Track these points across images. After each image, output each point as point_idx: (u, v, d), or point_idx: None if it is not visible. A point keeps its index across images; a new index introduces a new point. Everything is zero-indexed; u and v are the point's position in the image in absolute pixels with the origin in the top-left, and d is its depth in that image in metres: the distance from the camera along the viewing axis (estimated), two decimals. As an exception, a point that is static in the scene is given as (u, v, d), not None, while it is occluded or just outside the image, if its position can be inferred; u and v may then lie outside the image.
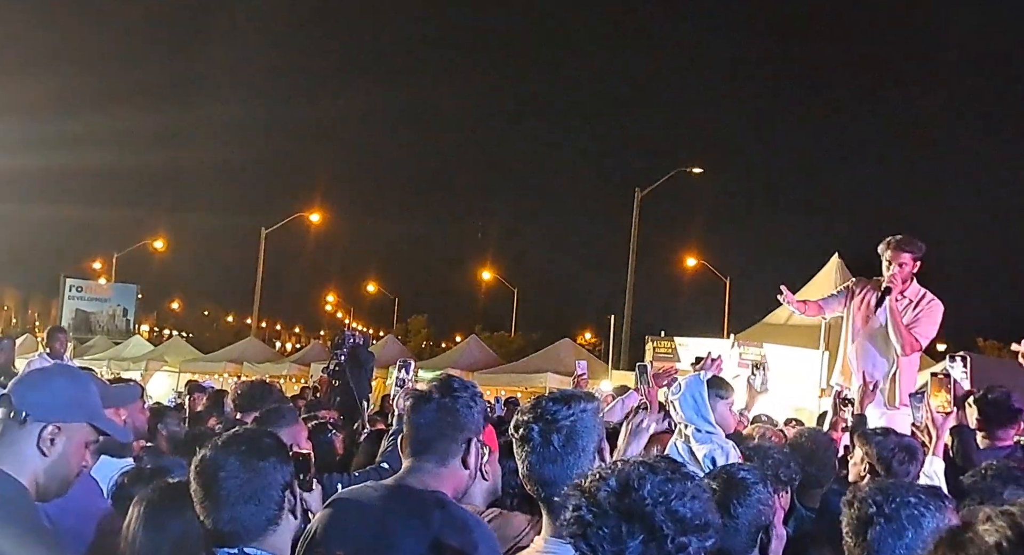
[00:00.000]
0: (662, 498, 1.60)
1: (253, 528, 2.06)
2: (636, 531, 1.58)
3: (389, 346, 24.25)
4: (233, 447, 2.12)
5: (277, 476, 2.10)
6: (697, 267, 38.17)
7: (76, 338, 30.63)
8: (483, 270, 52.59)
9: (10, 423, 2.23)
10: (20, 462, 2.20)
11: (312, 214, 36.95)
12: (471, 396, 2.52)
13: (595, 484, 1.64)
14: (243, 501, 2.05)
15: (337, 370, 9.74)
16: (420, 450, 2.48)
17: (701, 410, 3.93)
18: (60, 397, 2.29)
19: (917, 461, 3.88)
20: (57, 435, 2.24)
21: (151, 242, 43.35)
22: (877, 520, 2.22)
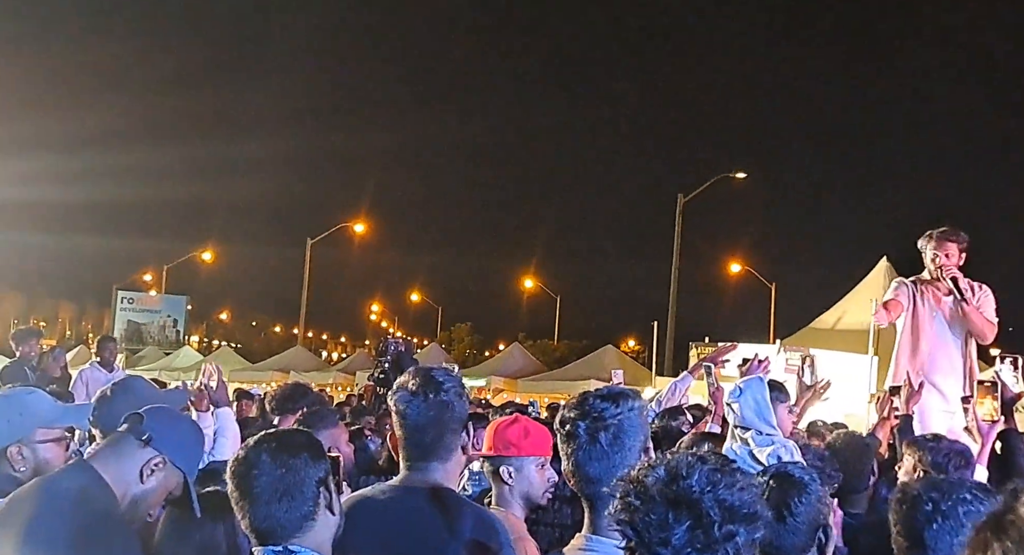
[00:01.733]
0: (710, 487, 1.60)
1: (289, 525, 2.07)
2: (683, 517, 1.57)
3: (433, 354, 24.38)
4: (264, 445, 2.13)
5: (310, 472, 2.11)
6: (742, 273, 37.78)
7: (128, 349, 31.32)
8: (526, 278, 52.63)
9: (129, 439, 2.38)
10: (120, 477, 2.33)
11: (356, 224, 37.32)
12: (457, 385, 2.55)
13: (644, 473, 1.64)
14: (277, 498, 2.07)
15: (382, 377, 9.82)
16: (424, 452, 2.49)
17: (763, 412, 3.87)
18: (182, 439, 2.47)
19: (971, 466, 3.79)
20: (159, 469, 2.38)
21: (200, 254, 44.11)
22: (934, 518, 2.18)
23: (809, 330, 13.79)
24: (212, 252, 44.77)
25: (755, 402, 3.92)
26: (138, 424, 2.40)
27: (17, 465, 2.64)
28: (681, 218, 27.09)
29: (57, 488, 2.27)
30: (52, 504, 2.21)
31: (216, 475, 3.12)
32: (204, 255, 44.17)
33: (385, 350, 9.93)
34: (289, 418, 5.02)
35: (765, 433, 3.86)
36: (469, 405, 2.64)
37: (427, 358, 21.82)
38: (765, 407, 3.92)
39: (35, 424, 2.71)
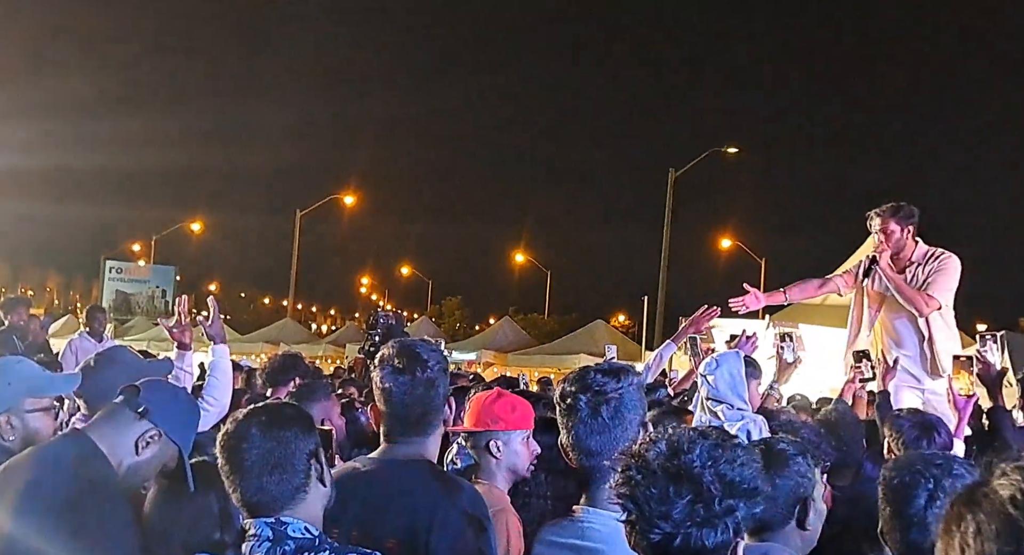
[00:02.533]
0: (711, 462, 1.61)
1: (280, 497, 2.07)
2: (684, 491, 1.58)
3: (423, 328, 24.40)
4: (254, 419, 2.13)
5: (300, 444, 2.11)
6: (732, 248, 37.85)
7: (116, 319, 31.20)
8: (517, 253, 52.62)
9: (126, 411, 2.39)
10: (115, 448, 2.34)
11: (346, 196, 37.12)
12: (441, 360, 2.53)
13: (646, 447, 1.66)
14: (268, 471, 2.07)
15: (372, 351, 9.83)
16: (408, 427, 2.49)
17: (737, 386, 3.89)
18: (178, 413, 2.47)
19: (934, 436, 3.80)
20: (155, 441, 2.40)
21: (188, 225, 43.90)
22: (937, 495, 2.18)
23: (798, 305, 13.77)
24: (201, 223, 44.61)
25: (730, 376, 3.95)
26: (134, 396, 2.41)
27: (6, 434, 2.64)
28: (672, 192, 27.05)
29: (54, 456, 2.28)
30: (49, 471, 2.22)
31: (201, 446, 3.13)
32: (193, 226, 44.00)
33: (376, 323, 9.94)
34: (282, 389, 5.03)
35: (736, 407, 3.89)
36: (456, 379, 2.64)
37: (417, 332, 21.82)
38: (739, 381, 3.95)
39: (24, 393, 2.70)
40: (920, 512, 2.19)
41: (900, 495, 2.23)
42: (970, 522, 1.15)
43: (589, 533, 2.10)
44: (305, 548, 2.04)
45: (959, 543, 1.16)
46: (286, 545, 2.03)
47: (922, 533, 2.17)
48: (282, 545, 2.03)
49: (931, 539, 2.16)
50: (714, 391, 3.94)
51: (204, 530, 2.42)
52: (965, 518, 1.16)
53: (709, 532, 1.58)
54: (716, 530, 1.58)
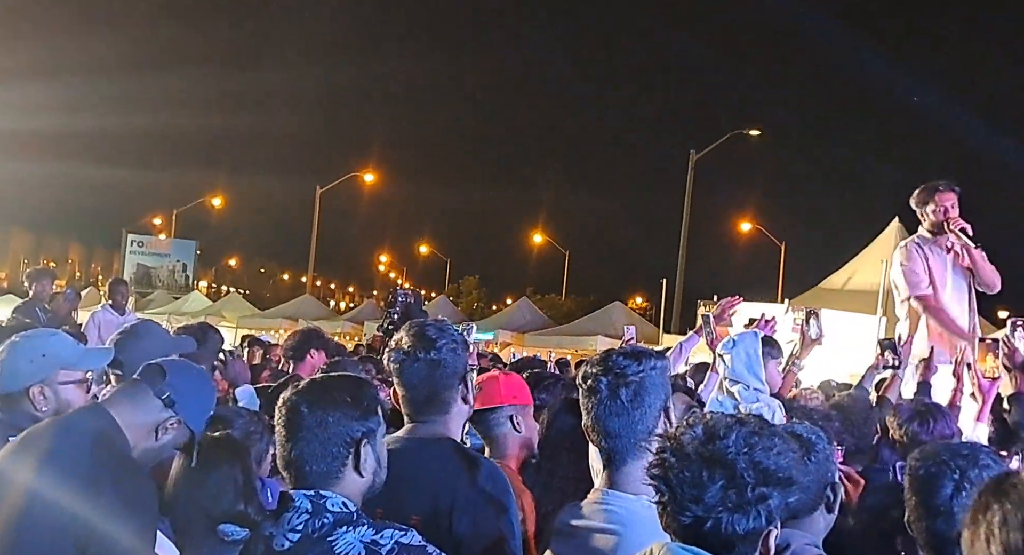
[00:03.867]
0: (747, 449, 1.61)
1: (322, 472, 2.11)
2: (717, 476, 1.59)
3: (441, 307, 24.47)
4: (305, 394, 2.16)
5: (352, 426, 2.13)
6: (752, 231, 37.62)
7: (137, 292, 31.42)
8: (535, 233, 52.53)
9: (149, 394, 2.38)
10: (135, 428, 2.35)
11: (367, 174, 37.17)
12: (451, 340, 2.54)
13: (682, 431, 1.67)
14: (314, 444, 2.11)
15: (390, 328, 9.88)
16: (421, 408, 2.53)
17: (753, 366, 3.88)
18: (201, 402, 2.48)
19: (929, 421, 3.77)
20: (173, 428, 2.41)
21: (210, 199, 44.10)
22: (963, 485, 2.18)
23: (818, 290, 13.75)
24: (222, 198, 44.78)
25: (747, 355, 3.93)
26: (160, 380, 2.40)
27: (39, 405, 2.68)
28: (692, 175, 26.89)
29: (75, 426, 2.30)
30: (69, 440, 2.24)
31: (226, 420, 3.16)
32: (214, 201, 44.19)
33: (394, 301, 9.99)
34: (300, 365, 5.05)
35: (753, 388, 3.88)
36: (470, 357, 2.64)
37: (435, 311, 21.89)
38: (756, 361, 3.93)
39: (57, 365, 2.74)
40: (946, 502, 2.18)
41: (926, 485, 2.22)
42: (996, 512, 1.16)
43: (609, 514, 2.11)
44: (343, 522, 2.07)
45: (984, 532, 1.17)
46: (324, 518, 2.07)
47: (948, 523, 2.17)
48: (320, 517, 2.07)
49: (957, 529, 2.15)
50: (731, 371, 3.93)
51: (227, 501, 2.46)
52: (991, 508, 1.17)
53: (740, 518, 1.59)
54: (748, 516, 1.59)
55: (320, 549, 2.04)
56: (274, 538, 2.09)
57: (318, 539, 2.05)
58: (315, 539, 2.05)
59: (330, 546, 2.04)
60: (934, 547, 2.20)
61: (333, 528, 2.06)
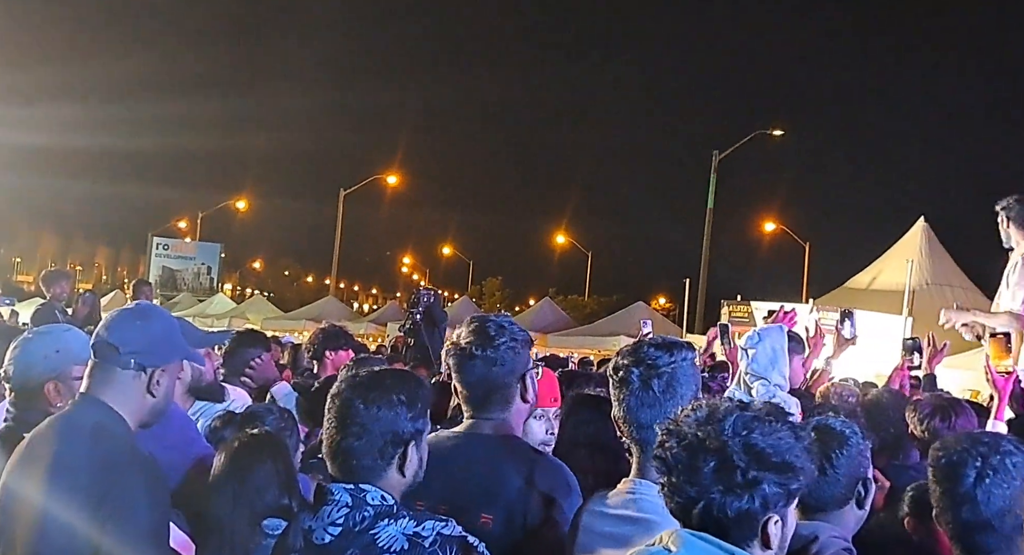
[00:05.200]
0: (745, 432, 1.62)
1: (364, 467, 2.12)
2: (709, 458, 1.61)
3: (463, 308, 24.48)
4: (362, 388, 2.17)
5: (401, 424, 2.14)
6: (776, 231, 37.37)
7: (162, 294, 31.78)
8: (558, 233, 52.46)
9: (119, 373, 2.32)
10: (129, 404, 2.32)
11: (389, 176, 37.28)
12: (511, 337, 2.52)
13: (686, 414, 1.69)
14: (360, 439, 2.12)
15: (411, 328, 9.89)
16: (479, 404, 2.52)
17: (778, 362, 3.84)
18: (162, 342, 2.39)
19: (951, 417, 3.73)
20: (163, 377, 2.37)
21: (234, 203, 44.39)
22: (985, 473, 2.16)
23: (843, 289, 13.66)
24: (246, 201, 45.05)
25: (772, 350, 3.89)
26: (115, 352, 2.32)
27: (54, 400, 2.67)
28: (716, 175, 26.76)
29: (72, 424, 2.27)
30: (70, 440, 2.23)
31: (257, 416, 3.19)
32: (238, 204, 44.46)
33: (417, 301, 9.98)
34: (325, 363, 5.07)
35: (773, 384, 3.84)
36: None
37: (458, 312, 21.91)
38: (781, 356, 3.89)
39: (71, 361, 2.73)
40: (970, 490, 2.17)
41: (949, 474, 2.22)
42: None
43: (640, 504, 2.11)
44: (384, 515, 2.08)
45: None
46: (364, 511, 2.08)
47: (973, 511, 2.16)
48: (360, 511, 2.08)
49: (982, 517, 2.14)
50: (754, 365, 3.88)
51: (272, 496, 2.47)
52: None
53: (732, 501, 1.60)
54: (740, 500, 1.60)
55: (362, 542, 2.05)
56: (314, 531, 2.09)
57: (360, 532, 2.06)
58: (357, 532, 2.06)
59: (372, 539, 2.05)
60: (961, 536, 2.19)
61: (375, 521, 2.07)
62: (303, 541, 2.11)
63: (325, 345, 5.15)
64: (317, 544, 2.08)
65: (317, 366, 5.13)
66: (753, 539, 1.64)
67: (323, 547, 2.07)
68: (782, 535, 1.67)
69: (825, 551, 2.27)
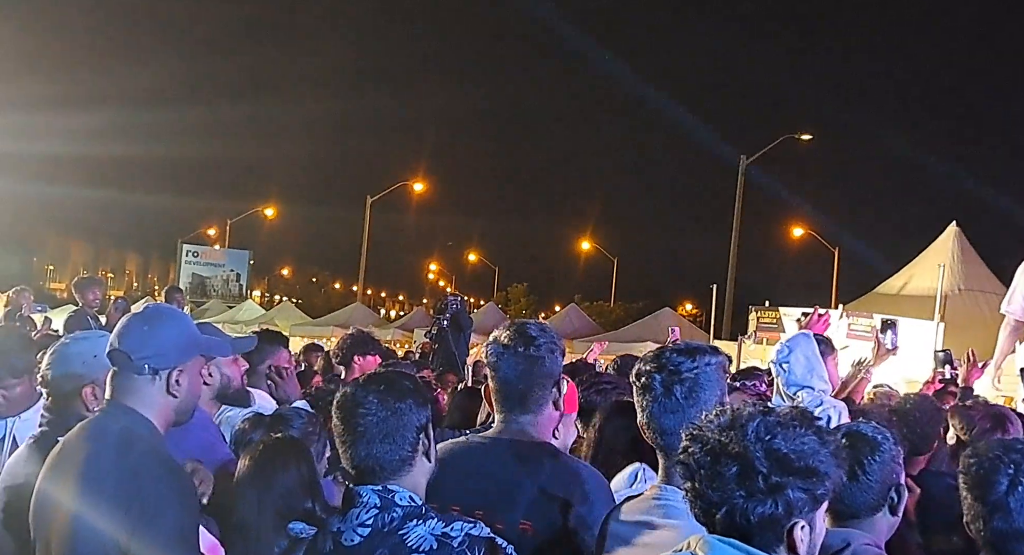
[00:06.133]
0: (768, 437, 1.60)
1: (388, 466, 2.13)
2: (731, 464, 1.60)
3: (489, 314, 24.50)
4: (373, 386, 2.18)
5: (413, 417, 2.15)
6: (804, 236, 37.08)
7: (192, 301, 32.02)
8: (583, 240, 52.40)
9: (136, 378, 2.33)
10: (154, 407, 2.34)
11: (416, 183, 37.44)
12: (551, 340, 2.52)
13: (710, 418, 1.68)
14: (379, 439, 2.12)
15: (438, 334, 9.93)
16: (513, 404, 2.51)
17: (815, 367, 3.81)
18: (175, 343, 2.39)
19: (1007, 427, 3.68)
20: (181, 376, 2.36)
21: (262, 210, 44.75)
22: (1019, 480, 2.12)
23: (874, 295, 13.53)
24: (274, 208, 45.40)
25: (805, 358, 3.86)
26: (129, 360, 2.32)
27: (91, 405, 2.69)
28: (743, 180, 26.61)
29: (102, 430, 2.29)
30: (99, 445, 2.25)
31: (285, 420, 3.20)
32: (267, 211, 44.81)
33: (445, 307, 10.03)
34: (349, 370, 5.10)
35: (818, 389, 3.80)
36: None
37: (483, 318, 21.93)
38: (816, 362, 3.86)
39: (108, 366, 2.78)
40: (1001, 498, 2.13)
41: (980, 482, 2.17)
42: None
43: (666, 510, 2.10)
44: (413, 516, 2.09)
45: None
46: (394, 512, 2.09)
47: (1006, 520, 2.12)
48: (390, 512, 2.08)
49: (1015, 525, 2.10)
50: (791, 377, 3.85)
51: (296, 499, 2.49)
52: None
53: (755, 506, 1.59)
54: (764, 505, 1.58)
55: (391, 542, 2.06)
56: (343, 534, 2.10)
57: (389, 533, 2.07)
58: (386, 533, 2.07)
59: (401, 539, 2.06)
60: (994, 545, 2.15)
61: (403, 522, 2.08)
62: (332, 544, 2.12)
63: (353, 350, 5.19)
64: (347, 546, 2.09)
65: (345, 372, 5.17)
66: (778, 545, 1.62)
67: (353, 548, 2.08)
68: (810, 541, 1.65)
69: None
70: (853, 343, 10.31)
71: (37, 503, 2.28)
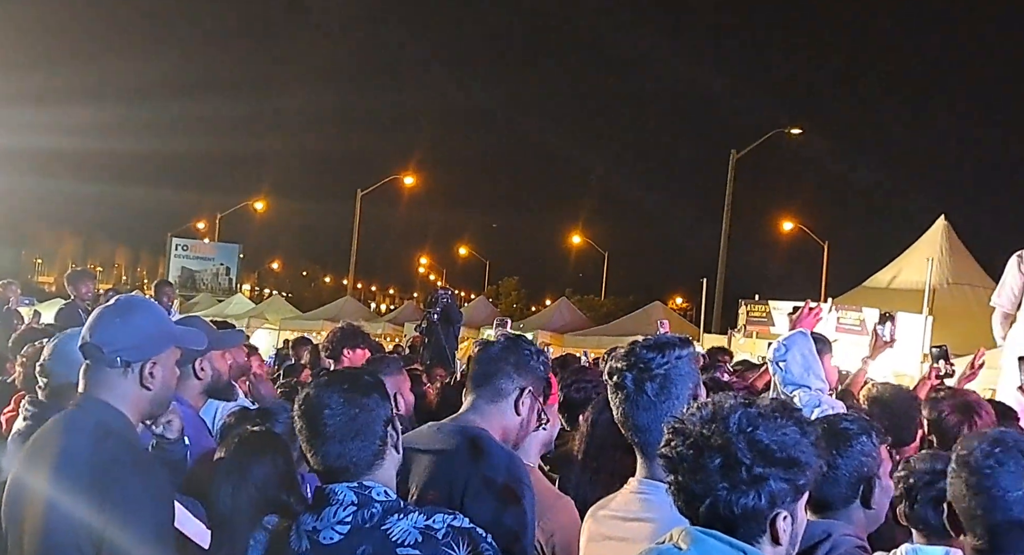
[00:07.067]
0: (750, 428, 1.61)
1: (361, 462, 2.13)
2: (714, 455, 1.61)
3: (480, 308, 24.50)
4: (335, 385, 2.18)
5: (380, 412, 2.16)
6: (794, 230, 37.17)
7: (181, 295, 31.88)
8: (574, 234, 52.38)
9: (108, 371, 2.31)
10: (127, 400, 2.33)
11: (406, 177, 37.38)
12: (535, 351, 2.59)
13: (692, 412, 1.69)
14: (350, 437, 2.12)
15: (428, 328, 9.90)
16: (475, 386, 2.57)
17: (812, 366, 3.81)
18: (147, 334, 2.37)
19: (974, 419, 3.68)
20: (155, 368, 2.35)
21: (252, 204, 44.62)
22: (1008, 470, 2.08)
23: (863, 289, 13.57)
24: (264, 202, 45.29)
25: (802, 357, 3.86)
26: (100, 353, 2.30)
27: None
28: (733, 174, 26.64)
29: (75, 423, 2.29)
30: (73, 439, 2.25)
31: (271, 414, 3.20)
32: (256, 205, 44.69)
33: (435, 301, 10.00)
34: (342, 361, 5.09)
35: (815, 389, 3.81)
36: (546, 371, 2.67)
37: (474, 312, 21.95)
38: (813, 360, 3.87)
39: None
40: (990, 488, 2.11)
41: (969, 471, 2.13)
42: None
43: (647, 504, 2.11)
44: (392, 510, 2.08)
45: None
46: (373, 508, 2.08)
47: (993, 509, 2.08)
48: (368, 508, 2.08)
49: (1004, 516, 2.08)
50: (788, 376, 3.84)
51: (272, 493, 2.48)
52: None
53: (738, 497, 1.60)
54: (747, 496, 1.60)
55: (374, 538, 2.05)
56: (320, 532, 2.08)
57: (371, 529, 2.06)
58: (367, 529, 2.06)
59: (385, 534, 2.05)
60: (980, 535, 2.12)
61: (384, 517, 2.07)
62: (309, 543, 2.10)
63: (343, 344, 5.18)
64: (325, 544, 2.08)
65: (334, 365, 5.15)
66: (762, 535, 1.63)
67: (333, 547, 2.07)
68: (792, 531, 1.66)
69: (838, 549, 2.26)
70: (842, 337, 10.35)
71: (9, 496, 2.27)
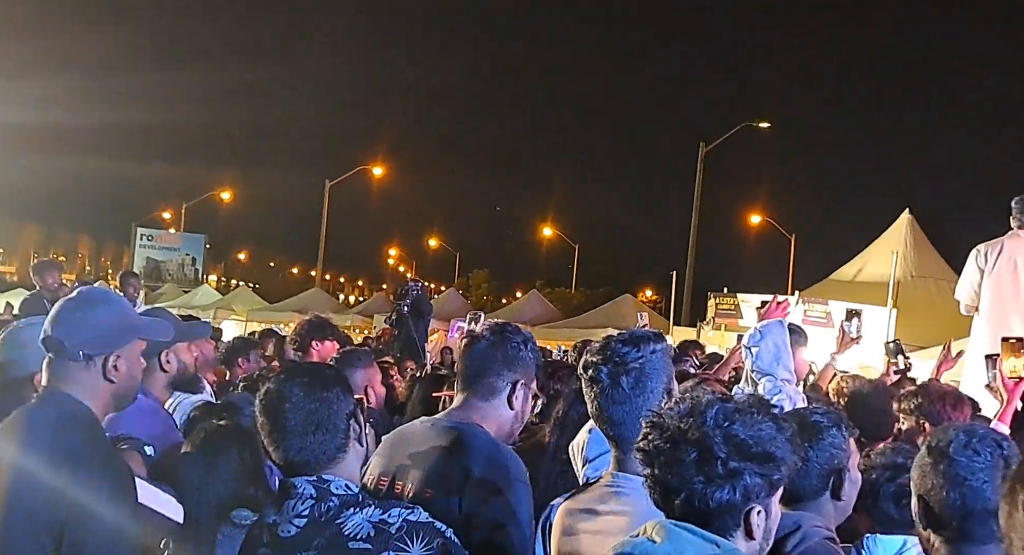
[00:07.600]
0: (726, 423, 1.62)
1: (323, 456, 2.11)
2: (690, 450, 1.62)
3: (451, 300, 24.48)
4: (296, 379, 2.16)
5: (341, 405, 2.15)
6: (762, 223, 37.55)
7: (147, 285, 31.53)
8: (545, 226, 52.48)
9: (71, 365, 2.29)
10: (90, 393, 2.30)
11: (375, 167, 37.18)
12: (522, 341, 2.56)
13: (669, 407, 1.70)
14: (311, 431, 2.10)
15: (398, 320, 9.87)
16: (466, 385, 2.53)
17: (783, 357, 3.85)
18: (109, 327, 2.35)
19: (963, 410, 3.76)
20: (119, 361, 2.33)
21: (219, 193, 44.16)
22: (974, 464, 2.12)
23: (829, 282, 13.70)
24: (231, 192, 44.84)
25: (775, 346, 3.90)
26: (63, 347, 2.28)
27: None
28: (702, 167, 26.81)
29: (36, 417, 2.26)
30: (33, 433, 2.22)
31: (233, 408, 3.17)
32: (223, 195, 44.24)
33: (405, 293, 9.97)
34: (311, 353, 5.05)
35: (780, 378, 3.85)
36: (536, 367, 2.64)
37: (445, 304, 21.90)
38: (785, 351, 3.90)
39: None
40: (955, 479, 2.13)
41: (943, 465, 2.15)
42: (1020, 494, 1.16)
43: (621, 497, 2.11)
44: (349, 504, 2.07)
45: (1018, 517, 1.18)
46: (330, 501, 2.07)
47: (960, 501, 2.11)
48: (326, 501, 2.07)
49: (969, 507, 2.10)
50: (758, 362, 3.88)
51: (238, 485, 2.47)
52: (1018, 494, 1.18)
53: (713, 491, 1.61)
54: (722, 490, 1.61)
55: (328, 532, 2.04)
56: (279, 525, 2.08)
57: (325, 523, 2.05)
58: (322, 523, 2.05)
59: (338, 528, 2.04)
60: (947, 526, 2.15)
61: (340, 510, 2.06)
62: (269, 536, 2.10)
63: (311, 336, 5.13)
64: (283, 537, 2.07)
65: (303, 357, 5.11)
66: (736, 529, 1.64)
67: (289, 540, 2.06)
68: (766, 526, 1.67)
69: (807, 540, 2.28)
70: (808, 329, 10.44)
71: None
